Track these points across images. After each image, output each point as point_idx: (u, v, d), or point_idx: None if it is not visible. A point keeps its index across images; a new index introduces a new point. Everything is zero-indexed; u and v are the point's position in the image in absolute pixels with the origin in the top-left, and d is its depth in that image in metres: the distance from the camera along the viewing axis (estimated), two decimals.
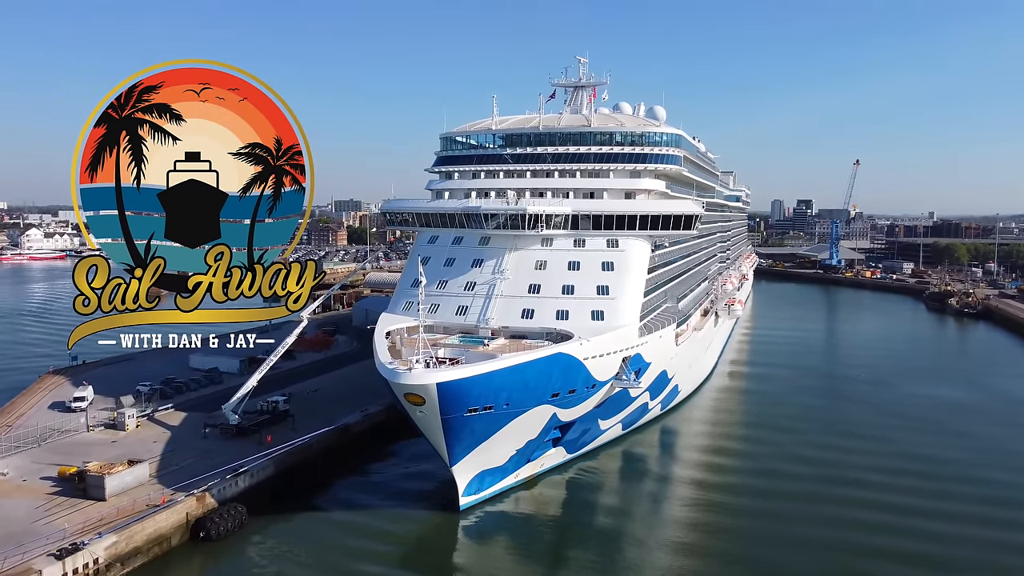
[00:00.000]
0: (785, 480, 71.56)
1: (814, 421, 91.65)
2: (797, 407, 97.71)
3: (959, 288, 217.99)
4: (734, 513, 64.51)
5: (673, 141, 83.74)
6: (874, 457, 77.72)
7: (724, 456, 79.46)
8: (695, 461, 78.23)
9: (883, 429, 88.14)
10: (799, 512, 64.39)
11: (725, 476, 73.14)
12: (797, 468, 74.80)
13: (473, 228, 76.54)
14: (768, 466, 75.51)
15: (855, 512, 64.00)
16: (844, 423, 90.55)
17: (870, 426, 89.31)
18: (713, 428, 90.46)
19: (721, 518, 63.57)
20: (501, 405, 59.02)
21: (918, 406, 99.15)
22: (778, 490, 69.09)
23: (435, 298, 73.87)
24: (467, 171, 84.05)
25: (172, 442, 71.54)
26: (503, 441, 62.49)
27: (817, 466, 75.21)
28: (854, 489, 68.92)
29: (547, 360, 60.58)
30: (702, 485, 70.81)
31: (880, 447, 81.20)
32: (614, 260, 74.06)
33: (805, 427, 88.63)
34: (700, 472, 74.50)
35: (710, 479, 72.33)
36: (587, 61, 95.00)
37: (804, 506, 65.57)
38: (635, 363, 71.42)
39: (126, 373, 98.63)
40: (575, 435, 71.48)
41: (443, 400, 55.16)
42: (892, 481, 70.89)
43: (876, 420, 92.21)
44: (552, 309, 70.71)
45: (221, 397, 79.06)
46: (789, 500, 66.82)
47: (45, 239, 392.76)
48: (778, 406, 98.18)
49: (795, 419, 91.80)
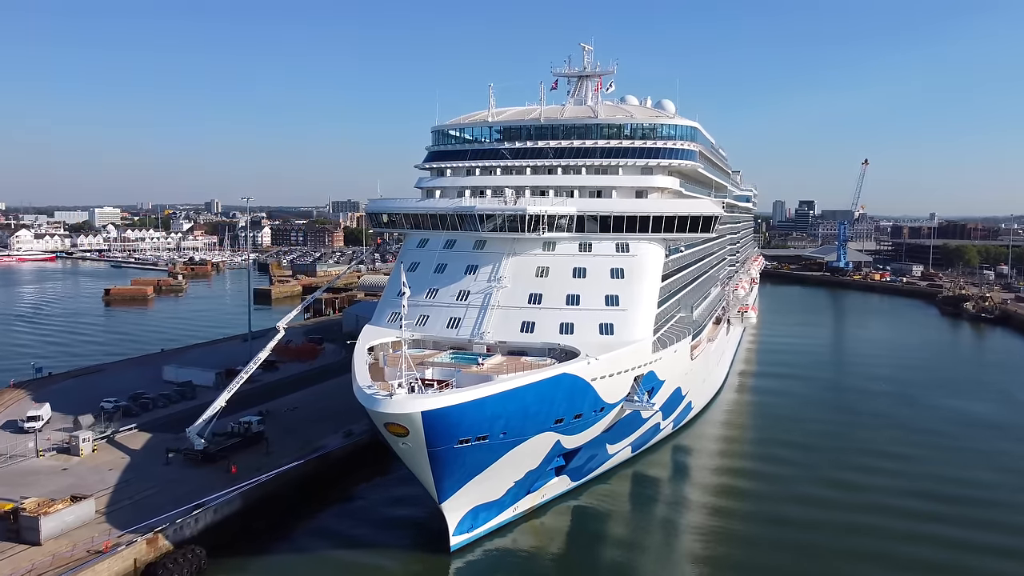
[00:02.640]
0: (811, 508, 65.38)
1: (836, 439, 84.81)
2: (816, 423, 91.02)
3: (974, 292, 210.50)
4: (754, 545, 58.64)
5: (688, 134, 76.05)
6: (905, 480, 71.56)
7: (741, 479, 72.99)
8: (710, 485, 71.76)
9: (912, 448, 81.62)
10: (827, 544, 58.49)
11: (744, 502, 66.94)
12: (823, 493, 68.60)
13: (467, 230, 69.17)
14: (792, 491, 69.17)
15: (890, 545, 58.05)
16: (869, 442, 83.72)
17: (898, 444, 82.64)
18: (728, 447, 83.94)
19: (741, 551, 57.80)
20: (497, 434, 51.52)
21: (947, 422, 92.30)
22: (804, 520, 63.03)
23: (424, 309, 66.38)
24: (461, 167, 76.46)
25: (130, 470, 64.25)
26: (500, 473, 55.02)
27: (844, 490, 69.02)
28: (887, 518, 62.90)
29: (550, 382, 53.01)
30: (719, 513, 64.65)
31: (911, 468, 74.85)
32: (624, 266, 66.52)
33: (827, 446, 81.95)
34: (716, 498, 68.21)
35: (728, 506, 66.13)
36: (592, 49, 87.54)
37: (832, 538, 59.66)
38: (648, 381, 63.92)
39: (93, 386, 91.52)
40: (580, 462, 64.07)
41: (430, 431, 47.60)
42: (932, 509, 65.11)
43: (904, 437, 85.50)
44: (555, 322, 63.26)
45: (193, 415, 71.66)
46: (815, 530, 60.89)
47: (35, 240, 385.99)
48: (796, 422, 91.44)
49: (815, 436, 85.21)
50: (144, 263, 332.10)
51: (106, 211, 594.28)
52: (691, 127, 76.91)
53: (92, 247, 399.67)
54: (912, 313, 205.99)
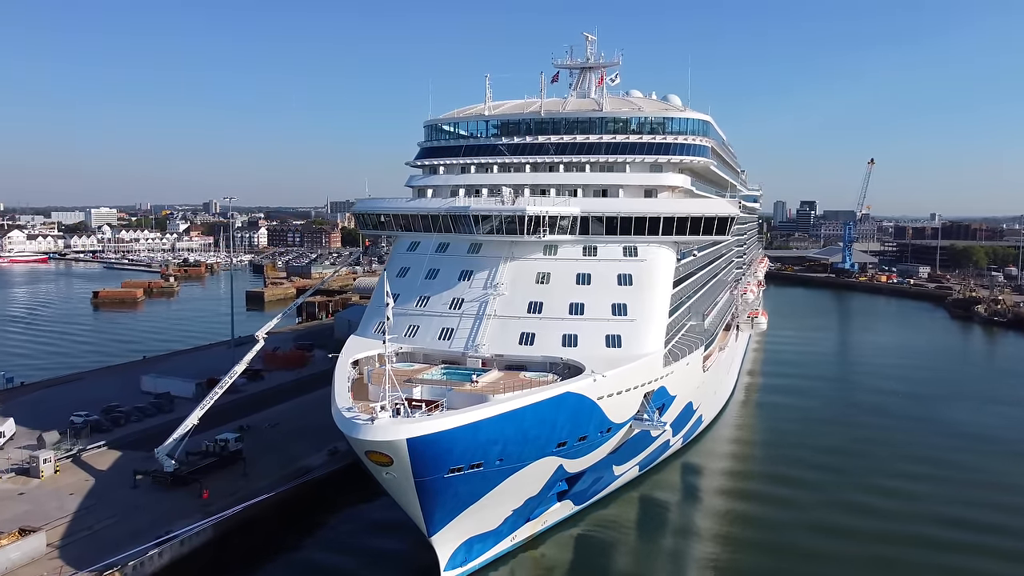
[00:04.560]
0: (832, 538, 60.35)
1: (853, 457, 79.27)
2: (830, 437, 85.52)
3: (985, 294, 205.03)
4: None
5: (700, 129, 70.53)
6: (934, 505, 66.54)
7: (755, 503, 67.84)
8: (722, 511, 66.67)
9: (938, 468, 75.97)
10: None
11: (758, 530, 62.05)
12: (844, 521, 63.38)
13: (461, 233, 63.85)
14: (810, 518, 64.14)
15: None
16: (888, 461, 78.19)
17: (922, 463, 77.06)
18: (740, 464, 78.84)
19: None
20: (493, 461, 46.15)
21: (975, 440, 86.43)
22: (824, 552, 58.10)
23: (414, 318, 61.03)
24: (455, 165, 71.05)
25: (92, 495, 58.93)
26: (496, 502, 49.68)
27: (868, 516, 63.85)
28: (916, 549, 58.19)
29: (552, 403, 47.60)
30: (732, 543, 59.90)
31: (939, 491, 69.69)
32: (633, 272, 61.12)
33: (845, 466, 76.47)
34: (729, 526, 63.26)
35: (741, 535, 61.28)
36: (595, 39, 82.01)
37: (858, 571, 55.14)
38: (658, 398, 58.56)
39: (65, 398, 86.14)
40: (584, 485, 58.79)
41: (416, 459, 42.22)
42: (965, 539, 59.96)
43: (929, 455, 79.88)
44: (557, 333, 57.87)
45: (169, 429, 66.04)
46: (838, 564, 56.11)
47: (28, 241, 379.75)
48: (808, 436, 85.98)
49: (831, 454, 79.71)
50: (138, 264, 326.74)
51: (102, 211, 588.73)
52: (703, 121, 71.31)
53: (86, 248, 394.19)
54: (921, 316, 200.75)
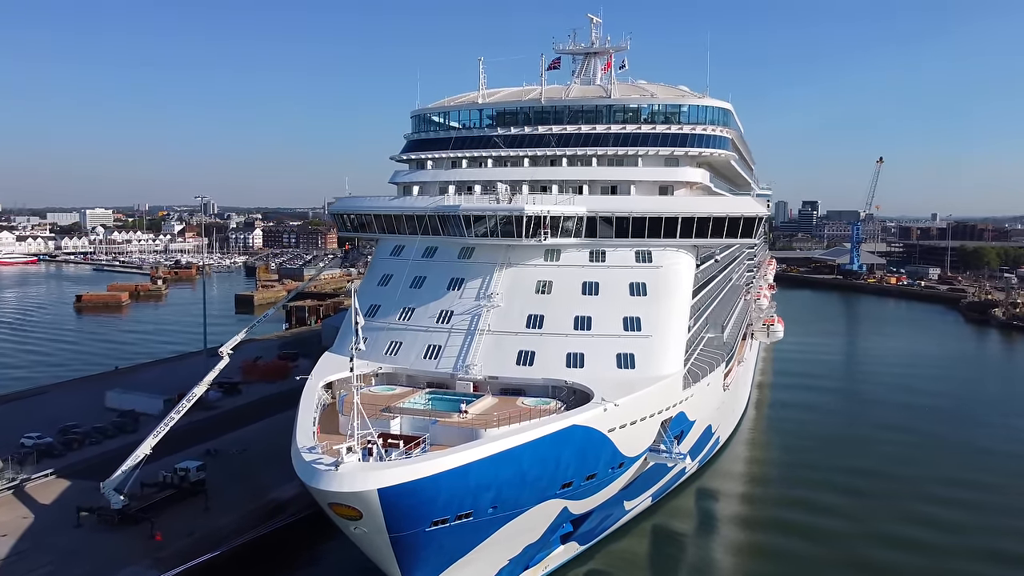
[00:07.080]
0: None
1: (880, 478, 72.13)
2: (852, 457, 78.07)
3: (1001, 297, 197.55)
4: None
5: (720, 118, 62.86)
6: (985, 537, 59.57)
7: (776, 532, 61.39)
8: (741, 541, 60.41)
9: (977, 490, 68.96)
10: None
11: (781, 564, 55.93)
12: (874, 552, 56.72)
13: (451, 235, 56.53)
14: (839, 549, 57.39)
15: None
16: (918, 479, 71.64)
17: (958, 486, 69.97)
18: (757, 488, 72.14)
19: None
20: (485, 509, 38.71)
21: (1006, 456, 79.53)
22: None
23: (396, 333, 53.62)
24: (444, 158, 63.53)
25: (28, 536, 51.49)
26: (489, 553, 42.31)
27: (900, 549, 57.24)
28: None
29: (555, 438, 40.13)
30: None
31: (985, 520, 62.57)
32: (647, 280, 53.67)
33: (872, 488, 69.53)
34: (749, 558, 57.41)
35: (763, 571, 55.18)
36: (601, 22, 74.57)
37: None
38: (676, 425, 51.17)
39: (22, 415, 78.60)
40: (591, 525, 51.51)
41: (391, 513, 34.73)
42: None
43: (964, 477, 72.55)
44: (560, 351, 50.49)
45: (129, 454, 57.98)
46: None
47: (17, 243, 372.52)
48: (829, 455, 78.66)
49: (854, 475, 72.56)
50: (129, 266, 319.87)
51: (97, 212, 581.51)
52: (723, 109, 63.54)
53: (77, 250, 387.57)
54: (934, 320, 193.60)
